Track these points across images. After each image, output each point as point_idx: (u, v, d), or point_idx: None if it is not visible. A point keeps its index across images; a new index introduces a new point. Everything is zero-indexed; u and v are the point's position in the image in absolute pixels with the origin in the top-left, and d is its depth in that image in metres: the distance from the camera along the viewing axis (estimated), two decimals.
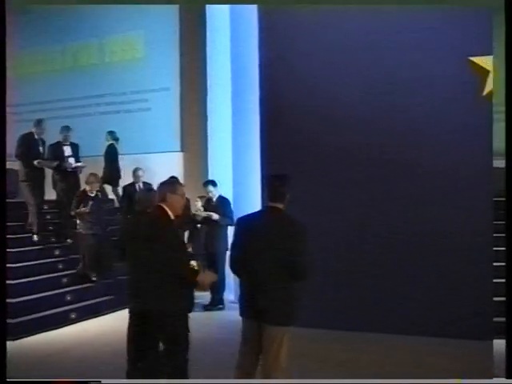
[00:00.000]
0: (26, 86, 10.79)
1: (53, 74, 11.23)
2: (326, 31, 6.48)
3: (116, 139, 9.39)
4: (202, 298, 7.53)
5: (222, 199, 7.60)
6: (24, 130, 7.97)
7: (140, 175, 8.15)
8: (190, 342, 3.78)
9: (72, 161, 8.17)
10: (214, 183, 7.67)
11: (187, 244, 6.29)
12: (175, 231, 3.87)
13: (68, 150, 8.22)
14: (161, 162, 9.45)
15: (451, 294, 5.87)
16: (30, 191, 7.77)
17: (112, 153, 9.33)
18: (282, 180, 3.69)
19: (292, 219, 3.59)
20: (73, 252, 7.89)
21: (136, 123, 10.21)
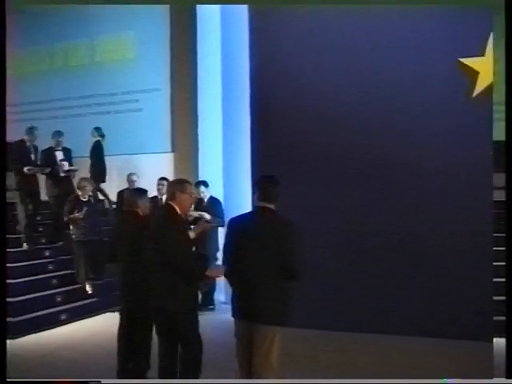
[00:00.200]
0: (14, 86, 10.68)
1: (42, 74, 11.13)
2: (317, 32, 6.48)
3: (102, 135, 9.32)
4: None
5: (213, 200, 7.57)
6: (11, 131, 7.87)
7: (134, 180, 8.10)
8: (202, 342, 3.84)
9: (65, 164, 8.10)
10: (205, 184, 7.64)
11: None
12: (184, 228, 3.93)
13: (60, 155, 8.17)
14: (151, 163, 9.44)
15: (451, 294, 5.85)
16: (20, 200, 7.66)
17: (98, 149, 9.25)
18: (273, 181, 3.70)
19: (284, 219, 3.60)
20: (64, 253, 7.85)
21: (127, 124, 10.15)
